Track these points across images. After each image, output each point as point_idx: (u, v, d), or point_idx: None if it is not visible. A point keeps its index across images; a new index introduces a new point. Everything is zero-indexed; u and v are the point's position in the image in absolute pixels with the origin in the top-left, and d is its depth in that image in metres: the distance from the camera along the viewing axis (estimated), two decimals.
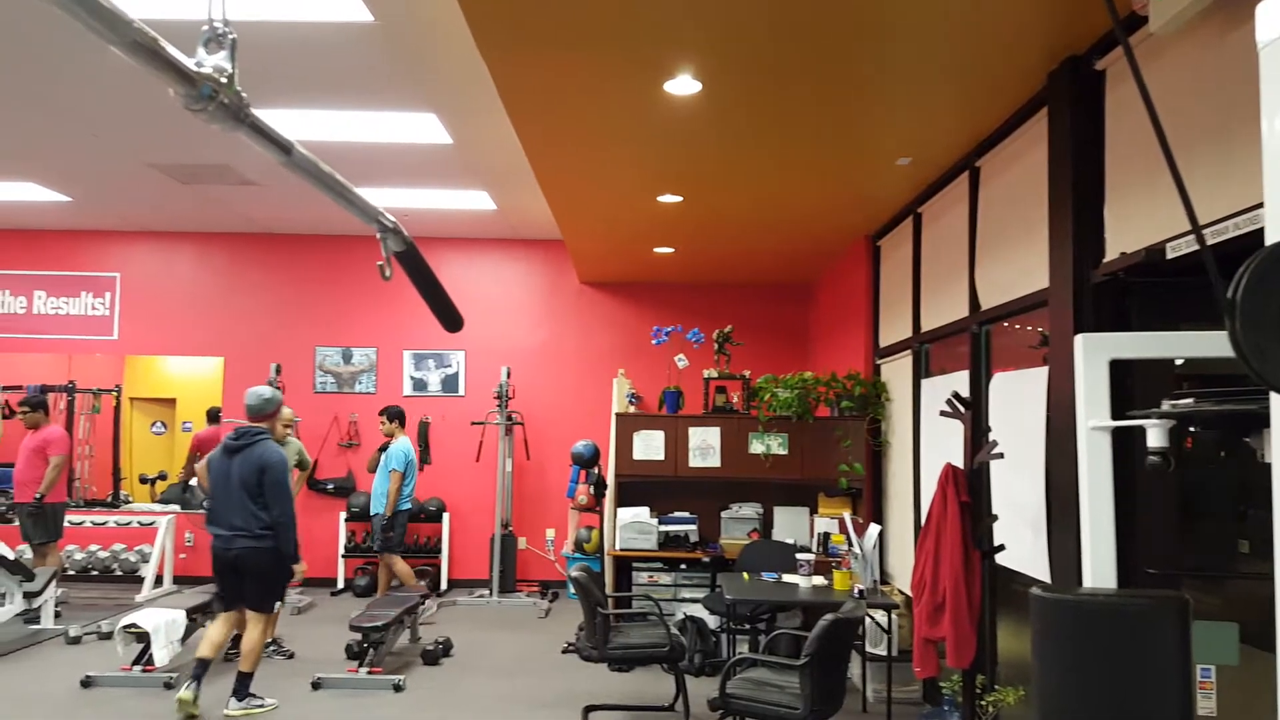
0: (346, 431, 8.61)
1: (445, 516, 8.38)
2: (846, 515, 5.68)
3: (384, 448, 7.13)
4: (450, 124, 5.49)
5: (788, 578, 5.24)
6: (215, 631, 4.92)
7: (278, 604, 5.02)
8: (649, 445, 6.40)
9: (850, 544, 5.32)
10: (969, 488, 3.66)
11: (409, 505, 7.01)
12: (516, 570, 8.30)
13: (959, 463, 3.74)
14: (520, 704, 5.09)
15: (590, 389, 8.56)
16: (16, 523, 7.01)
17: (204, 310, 8.71)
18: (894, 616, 4.93)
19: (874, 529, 5.29)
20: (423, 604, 6.28)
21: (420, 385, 8.69)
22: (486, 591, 7.95)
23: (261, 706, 4.87)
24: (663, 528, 6.37)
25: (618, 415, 6.67)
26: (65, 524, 7.19)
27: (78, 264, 8.71)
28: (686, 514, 6.53)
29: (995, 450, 3.59)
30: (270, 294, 8.72)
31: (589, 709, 4.87)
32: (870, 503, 6.09)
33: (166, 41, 1.33)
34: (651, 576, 6.33)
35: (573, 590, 7.28)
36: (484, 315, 8.52)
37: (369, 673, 5.35)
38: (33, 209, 7.88)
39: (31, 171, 6.83)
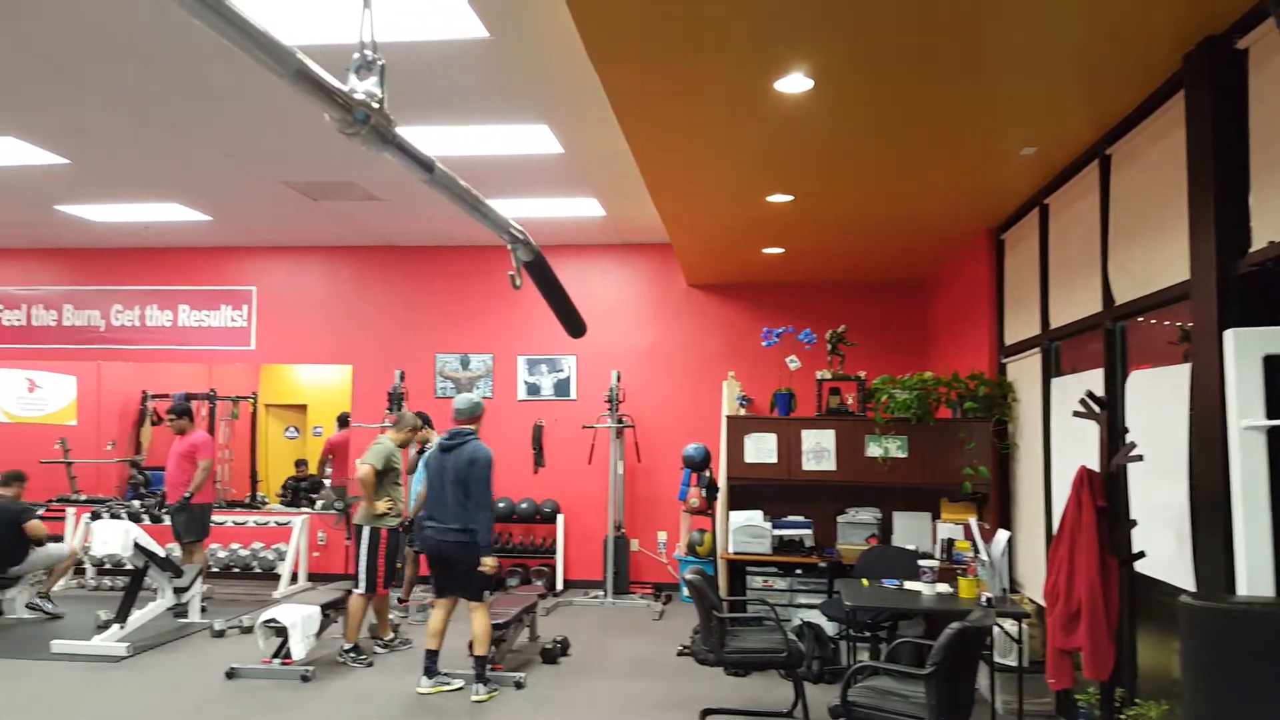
0: None
1: (559, 518, 8.52)
2: (972, 521, 5.49)
3: (420, 452, 7.24)
4: (561, 133, 5.59)
5: (910, 585, 5.11)
6: (435, 621, 5.28)
7: (488, 593, 5.32)
8: (761, 448, 6.35)
9: (976, 550, 5.14)
10: (1105, 492, 3.49)
11: None
12: (630, 572, 8.38)
13: (1094, 465, 3.57)
14: (639, 705, 5.13)
15: (700, 392, 8.56)
16: (167, 522, 7.52)
17: (332, 320, 9.14)
18: (1024, 626, 4.74)
19: (1002, 535, 5.10)
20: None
21: (534, 389, 8.88)
22: (601, 593, 8.05)
23: (496, 689, 5.25)
24: (777, 532, 6.30)
25: (728, 418, 6.65)
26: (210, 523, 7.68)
27: (218, 279, 9.29)
28: (801, 518, 6.44)
29: (1133, 452, 3.41)
30: (393, 304, 9.08)
31: (706, 713, 4.86)
32: (997, 508, 5.87)
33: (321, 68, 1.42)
34: (766, 581, 6.27)
35: (687, 593, 7.30)
36: (594, 320, 8.60)
37: (491, 669, 5.48)
38: (177, 228, 8.45)
39: (176, 193, 7.32)
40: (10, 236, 8.93)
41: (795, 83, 3.72)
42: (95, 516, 7.97)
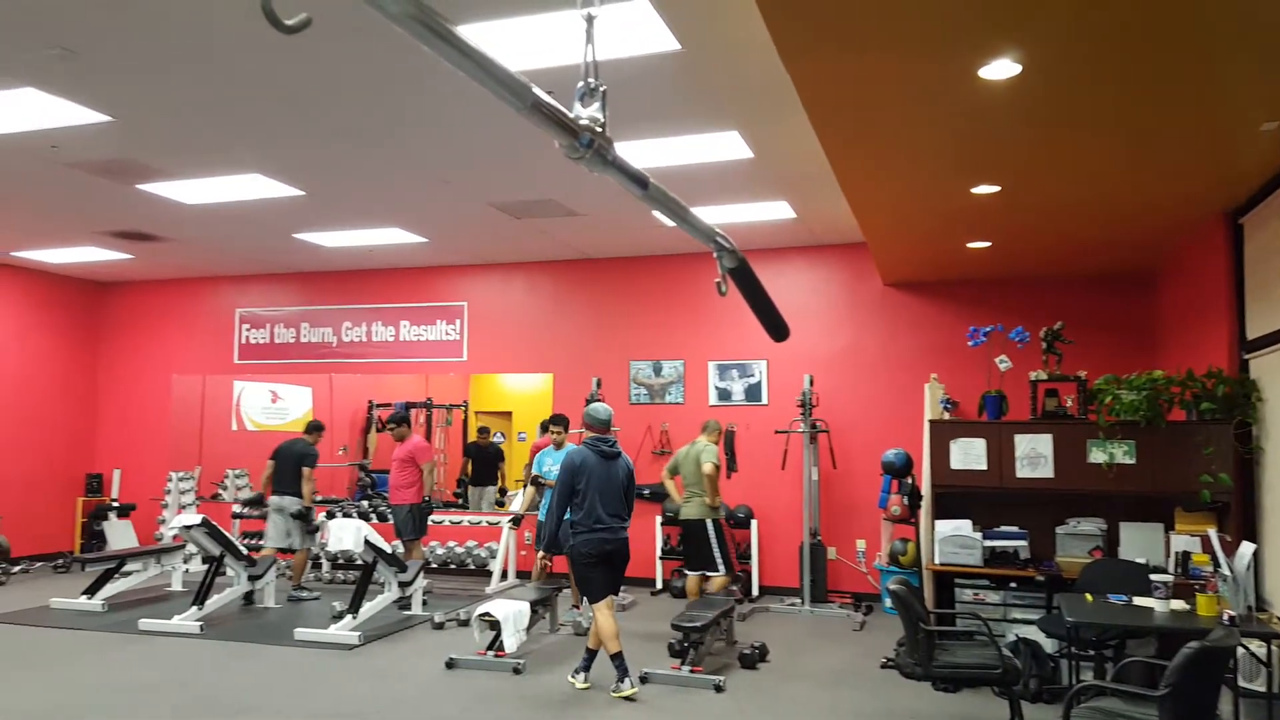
0: (659, 440, 9.04)
1: (753, 524, 8.49)
2: (1211, 532, 4.97)
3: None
4: (751, 138, 5.60)
5: (1139, 601, 4.70)
6: (607, 622, 5.30)
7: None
8: (968, 454, 6.04)
9: (1217, 565, 4.65)
10: None
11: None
12: (827, 580, 8.21)
13: None
14: (841, 715, 5.02)
15: (899, 395, 8.27)
16: (390, 520, 8.16)
17: (535, 331, 9.60)
18: (1274, 647, 4.25)
19: (1246, 548, 4.59)
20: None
21: (724, 395, 8.91)
22: (797, 600, 7.94)
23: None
24: (988, 542, 5.97)
25: (931, 422, 6.37)
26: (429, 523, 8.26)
27: (433, 296, 9.99)
28: (1015, 528, 6.06)
29: None
30: (590, 314, 9.41)
31: None
32: (1240, 518, 5.29)
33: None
34: (977, 594, 5.95)
35: (889, 604, 7.05)
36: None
37: (690, 671, 5.55)
38: (398, 250, 9.16)
39: (397, 218, 7.95)
40: (256, 263, 10.01)
41: (1001, 68, 3.54)
42: (330, 515, 8.78)
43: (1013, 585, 5.90)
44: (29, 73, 4.74)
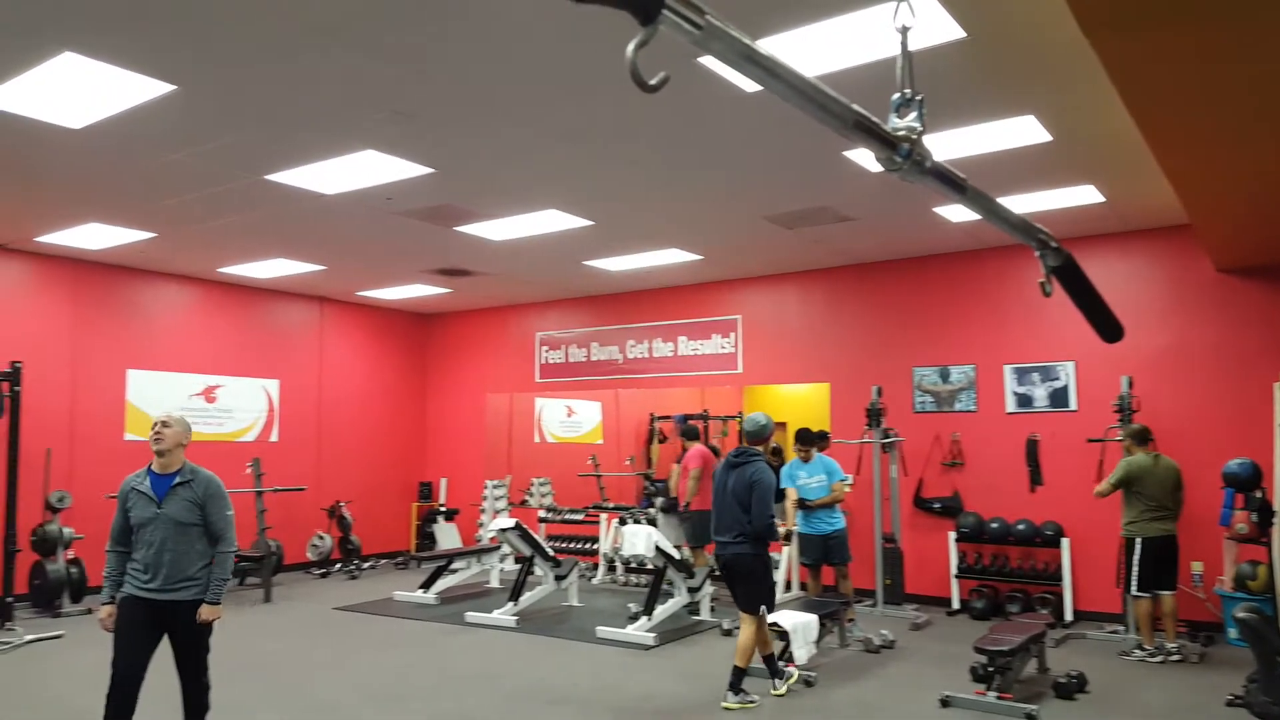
0: (949, 450, 8.58)
1: (1064, 542, 7.78)
2: None
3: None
4: (1049, 121, 5.19)
5: None
6: (743, 636, 5.36)
7: (764, 608, 5.37)
8: None
9: None
10: None
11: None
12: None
13: None
14: None
15: (1240, 396, 7.20)
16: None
17: (809, 340, 9.51)
18: None
19: None
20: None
21: (1025, 401, 8.26)
22: (1120, 627, 7.16)
23: (751, 703, 5.24)
24: None
25: None
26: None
27: (708, 310, 10.23)
28: None
29: None
30: (867, 320, 9.15)
31: None
32: None
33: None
34: None
35: (1235, 634, 6.18)
36: None
37: (998, 697, 5.18)
38: (675, 269, 9.50)
39: (674, 239, 8.26)
40: (552, 289, 10.84)
41: None
42: (622, 522, 9.24)
43: None
44: (369, 137, 5.49)
